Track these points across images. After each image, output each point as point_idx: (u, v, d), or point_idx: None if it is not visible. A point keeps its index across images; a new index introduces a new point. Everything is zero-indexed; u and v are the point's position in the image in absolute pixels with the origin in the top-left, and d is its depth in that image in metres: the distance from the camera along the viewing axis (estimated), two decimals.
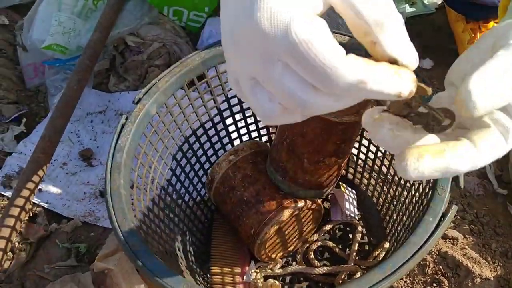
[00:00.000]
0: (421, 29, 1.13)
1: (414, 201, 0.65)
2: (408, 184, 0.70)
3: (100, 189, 0.95)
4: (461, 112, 0.29)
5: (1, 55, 1.13)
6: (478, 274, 0.72)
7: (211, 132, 0.80)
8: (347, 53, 0.28)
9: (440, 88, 1.01)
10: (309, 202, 0.74)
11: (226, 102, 0.79)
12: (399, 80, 0.28)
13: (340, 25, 0.99)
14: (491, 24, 0.96)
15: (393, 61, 0.29)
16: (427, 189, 0.59)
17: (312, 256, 0.80)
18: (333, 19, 0.98)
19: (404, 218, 0.69)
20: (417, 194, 0.64)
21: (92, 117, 1.07)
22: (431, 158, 0.29)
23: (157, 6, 1.09)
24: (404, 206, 0.70)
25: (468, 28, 0.97)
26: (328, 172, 0.71)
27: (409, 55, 0.30)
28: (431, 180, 0.59)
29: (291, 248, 0.81)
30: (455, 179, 0.56)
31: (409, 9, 1.16)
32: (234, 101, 0.79)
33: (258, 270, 0.77)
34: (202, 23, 1.15)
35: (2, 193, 0.93)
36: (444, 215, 0.53)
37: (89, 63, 0.97)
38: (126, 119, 0.66)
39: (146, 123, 0.67)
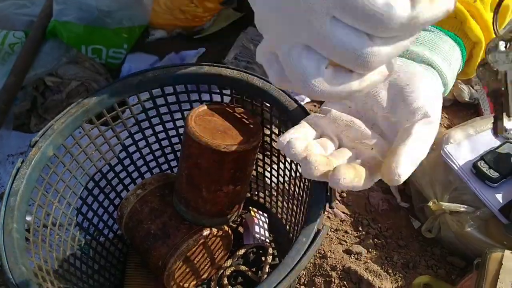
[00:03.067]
0: None
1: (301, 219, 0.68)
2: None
3: None
4: None
5: None
6: (379, 286, 0.75)
7: (118, 168, 0.82)
8: None
9: None
10: (215, 230, 0.76)
11: (130, 138, 0.81)
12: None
13: None
14: None
15: None
16: (305, 209, 0.63)
17: (225, 281, 0.82)
18: None
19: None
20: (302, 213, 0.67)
21: (13, 159, 1.07)
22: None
23: (74, 45, 1.11)
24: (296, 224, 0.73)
25: None
26: (228, 200, 0.73)
27: None
28: (308, 200, 0.62)
29: (205, 276, 0.83)
30: (328, 199, 0.59)
31: None
32: (138, 136, 0.81)
33: None
34: (122, 59, 1.17)
35: None
36: (316, 235, 0.56)
37: (4, 107, 0.98)
38: (22, 162, 0.68)
39: (43, 165, 0.69)
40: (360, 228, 0.86)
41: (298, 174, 0.73)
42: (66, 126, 0.71)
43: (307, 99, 1.06)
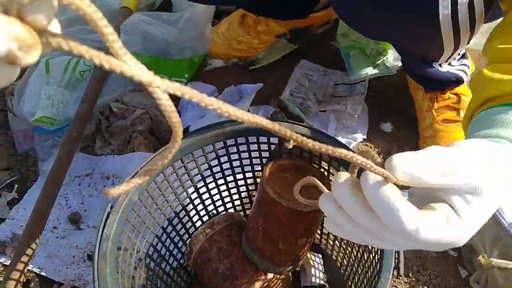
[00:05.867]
0: (383, 90, 1.23)
1: (366, 276, 0.74)
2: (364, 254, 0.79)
3: (88, 253, 1.02)
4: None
5: None
6: None
7: (189, 207, 0.89)
8: None
9: (399, 151, 1.10)
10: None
11: (202, 181, 0.87)
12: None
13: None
14: (447, 95, 1.05)
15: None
16: (374, 275, 0.68)
17: None
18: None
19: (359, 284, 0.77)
20: (367, 275, 0.72)
21: (79, 180, 1.14)
22: None
23: None
24: (359, 275, 0.79)
25: (426, 98, 1.07)
26: (301, 250, 0.79)
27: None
28: (377, 267, 0.67)
29: None
30: (397, 267, 0.65)
31: (372, 70, 1.25)
32: (209, 179, 0.87)
33: None
34: None
35: None
36: None
37: (76, 135, 1.05)
38: (111, 207, 0.74)
39: (129, 210, 0.75)
40: (411, 274, 0.91)
41: None
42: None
43: (360, 139, 1.11)
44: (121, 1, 1.32)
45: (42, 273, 0.98)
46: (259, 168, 0.89)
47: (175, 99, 1.16)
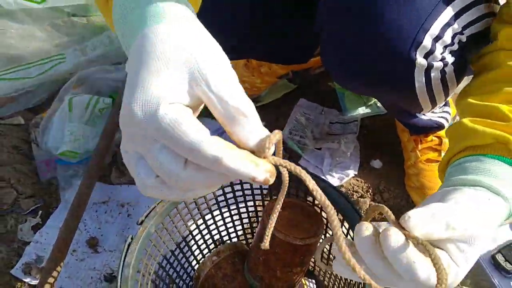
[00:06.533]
0: (374, 129, 1.35)
1: None
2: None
3: (105, 274, 1.14)
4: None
5: (18, 152, 1.32)
6: None
7: (195, 232, 1.00)
8: None
9: (386, 186, 1.22)
10: None
11: (209, 213, 0.99)
12: (254, 168, 0.36)
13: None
14: (430, 137, 1.17)
15: (254, 152, 0.38)
16: None
17: None
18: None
19: None
20: None
21: (96, 207, 1.26)
22: None
23: None
24: None
25: (411, 139, 1.19)
26: (297, 277, 0.90)
27: (261, 145, 0.38)
28: None
29: None
30: None
31: (364, 110, 1.37)
32: (216, 212, 0.99)
33: None
34: None
35: (23, 279, 1.11)
36: None
37: (96, 168, 1.17)
38: (132, 238, 0.86)
39: (147, 240, 0.87)
40: None
41: None
42: (165, 209, 0.89)
43: (352, 174, 1.23)
44: None
45: None
46: (259, 197, 1.01)
47: None
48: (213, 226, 1.02)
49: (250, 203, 1.01)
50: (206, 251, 1.04)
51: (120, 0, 0.46)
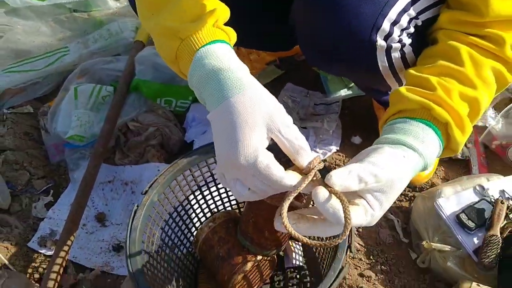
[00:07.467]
0: (354, 109, 1.47)
1: (330, 256, 0.97)
2: None
3: (113, 245, 1.26)
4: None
5: (29, 138, 1.44)
6: None
7: (193, 201, 1.12)
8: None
9: None
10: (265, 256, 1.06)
11: (206, 185, 1.11)
12: (301, 181, 0.63)
13: None
14: None
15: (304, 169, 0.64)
16: (332, 252, 0.92)
17: None
18: None
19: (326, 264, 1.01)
20: (331, 254, 0.96)
21: (103, 186, 1.38)
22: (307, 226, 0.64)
23: (151, 98, 1.42)
24: (326, 255, 1.03)
25: None
26: (283, 237, 1.03)
27: (309, 168, 0.64)
28: (336, 248, 0.91)
29: None
30: (349, 247, 0.88)
31: (346, 92, 1.49)
32: (211, 184, 1.11)
33: None
34: (187, 108, 1.48)
35: (39, 251, 1.23)
36: (341, 270, 0.86)
37: (102, 150, 1.29)
38: (138, 206, 0.98)
39: (151, 208, 0.99)
40: (371, 257, 1.15)
41: None
42: (166, 180, 1.01)
43: (334, 149, 1.35)
44: (135, 36, 1.57)
45: (77, 261, 1.22)
46: None
47: (182, 117, 1.39)
48: (209, 197, 1.14)
49: None
50: (203, 219, 1.17)
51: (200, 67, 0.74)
